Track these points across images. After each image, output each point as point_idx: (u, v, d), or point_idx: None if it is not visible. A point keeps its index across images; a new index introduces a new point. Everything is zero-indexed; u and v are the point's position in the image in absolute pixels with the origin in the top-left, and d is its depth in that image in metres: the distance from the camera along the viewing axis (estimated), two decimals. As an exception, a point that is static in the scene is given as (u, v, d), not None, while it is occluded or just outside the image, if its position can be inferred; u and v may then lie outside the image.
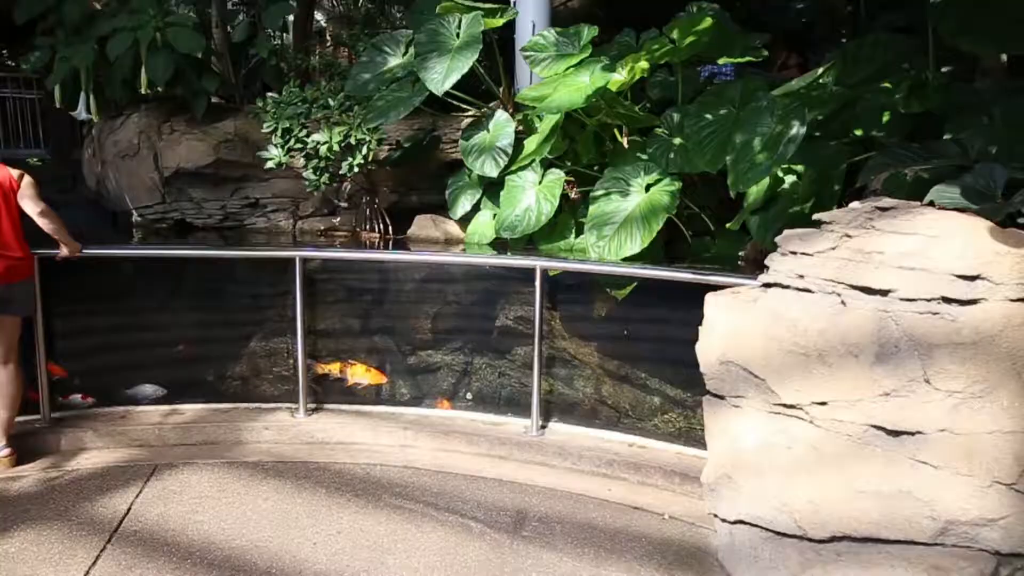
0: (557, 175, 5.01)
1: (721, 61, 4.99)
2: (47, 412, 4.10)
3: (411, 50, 5.67)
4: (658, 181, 4.58)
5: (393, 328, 4.85)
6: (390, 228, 5.86)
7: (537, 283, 3.93)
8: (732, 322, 2.75)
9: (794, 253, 2.70)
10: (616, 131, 5.22)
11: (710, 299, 2.88)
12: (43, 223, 3.83)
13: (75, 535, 3.13)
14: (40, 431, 4.01)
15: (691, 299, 3.75)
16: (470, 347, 4.82)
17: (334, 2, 14.31)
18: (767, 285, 2.75)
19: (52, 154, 10.02)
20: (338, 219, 6.12)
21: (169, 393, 4.47)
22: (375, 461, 3.88)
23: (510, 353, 4.70)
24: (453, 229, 5.61)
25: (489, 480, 3.69)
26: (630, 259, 4.42)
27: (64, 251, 3.93)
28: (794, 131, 3.77)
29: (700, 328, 2.88)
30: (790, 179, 4.19)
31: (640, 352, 4.46)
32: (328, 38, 13.32)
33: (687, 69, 5.17)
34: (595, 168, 5.24)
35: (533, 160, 5.06)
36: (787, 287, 2.67)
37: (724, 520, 2.85)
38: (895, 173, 3.30)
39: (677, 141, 4.70)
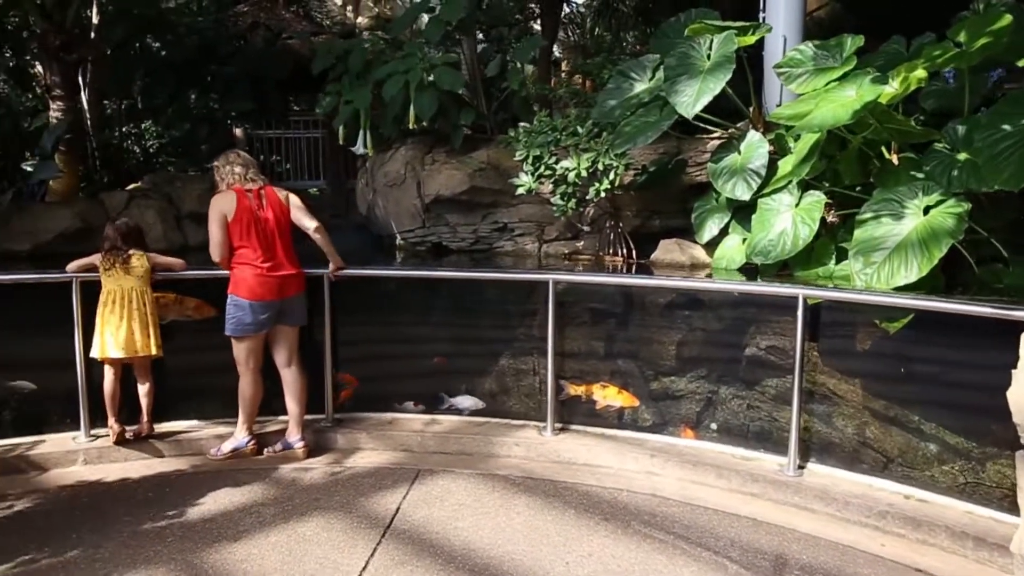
0: (816, 197, 4.69)
1: (1022, 63, 4.36)
2: (330, 413, 4.63)
3: (658, 74, 5.67)
4: (940, 202, 4.09)
5: (636, 352, 4.83)
6: (633, 252, 5.87)
7: (799, 312, 3.69)
8: (1058, 367, 2.35)
9: None
10: (883, 148, 4.78)
11: (1027, 338, 2.50)
12: (317, 237, 4.26)
13: (355, 526, 3.48)
14: (324, 429, 4.54)
15: (984, 336, 3.30)
16: (716, 375, 4.65)
17: (567, 33, 14.84)
18: (1106, 324, 2.32)
19: (329, 185, 11.47)
20: (581, 243, 6.26)
21: (427, 403, 4.82)
22: (621, 486, 3.87)
23: (759, 384, 4.46)
24: (699, 254, 5.48)
25: (742, 518, 3.51)
26: (903, 289, 3.99)
27: (331, 267, 4.40)
28: None
29: (1014, 372, 2.51)
30: (1120, 198, 3.53)
31: (913, 393, 3.99)
32: (563, 67, 13.83)
33: (974, 75, 4.61)
34: (857, 189, 4.83)
35: (790, 181, 4.79)
36: None
37: (1041, 599, 2.43)
38: None
39: (962, 156, 4.19)
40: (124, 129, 11.54)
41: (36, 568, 3.09)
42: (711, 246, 5.39)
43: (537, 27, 12.82)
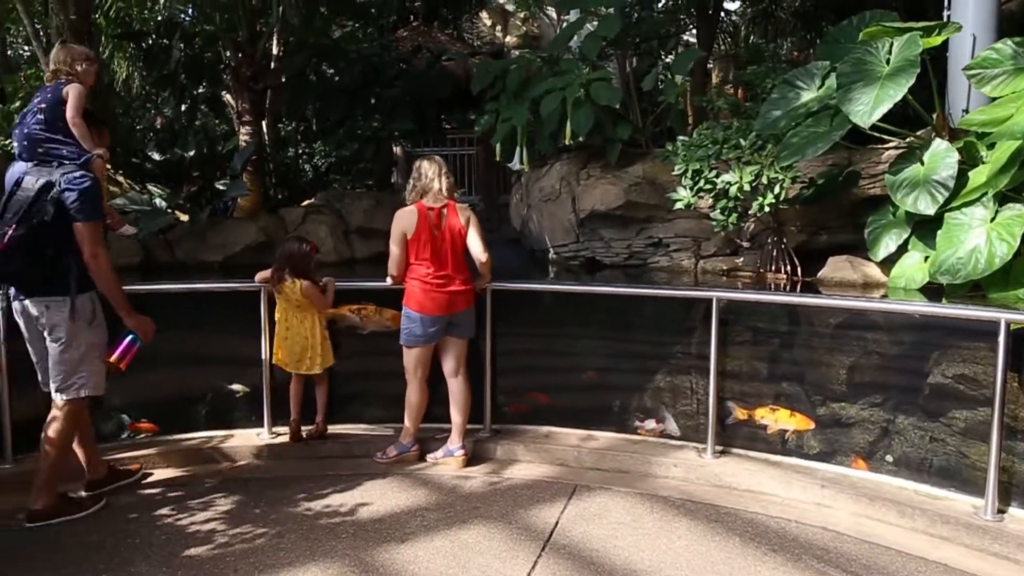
0: (1017, 210, 4.25)
1: None
2: (489, 423, 4.73)
3: (827, 82, 5.38)
4: None
5: (803, 375, 4.58)
6: (798, 269, 5.58)
7: (1001, 338, 3.34)
8: None
9: None
10: (1101, 155, 4.25)
11: None
12: (484, 258, 4.31)
13: (515, 537, 3.52)
14: (483, 439, 4.64)
15: None
16: (892, 404, 4.31)
17: (718, 43, 14.42)
18: None
19: (482, 200, 11.84)
20: (741, 259, 6.04)
21: (581, 419, 4.79)
22: (789, 516, 3.67)
23: (945, 416, 4.09)
24: (873, 272, 5.12)
25: (931, 563, 3.21)
26: None
27: (482, 282, 4.47)
28: None
29: None
30: None
31: None
32: (714, 78, 13.45)
33: None
34: (1065, 201, 4.33)
35: (984, 193, 4.37)
36: None
37: None
38: None
39: None
40: (297, 150, 12.52)
41: (231, 552, 3.39)
42: (887, 264, 5.02)
43: (687, 39, 12.58)
